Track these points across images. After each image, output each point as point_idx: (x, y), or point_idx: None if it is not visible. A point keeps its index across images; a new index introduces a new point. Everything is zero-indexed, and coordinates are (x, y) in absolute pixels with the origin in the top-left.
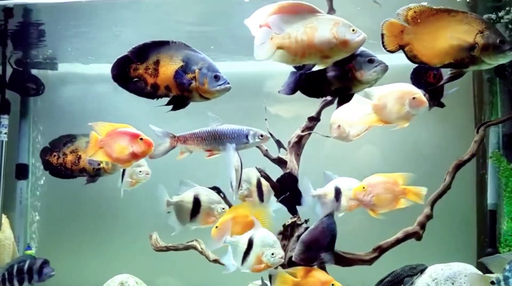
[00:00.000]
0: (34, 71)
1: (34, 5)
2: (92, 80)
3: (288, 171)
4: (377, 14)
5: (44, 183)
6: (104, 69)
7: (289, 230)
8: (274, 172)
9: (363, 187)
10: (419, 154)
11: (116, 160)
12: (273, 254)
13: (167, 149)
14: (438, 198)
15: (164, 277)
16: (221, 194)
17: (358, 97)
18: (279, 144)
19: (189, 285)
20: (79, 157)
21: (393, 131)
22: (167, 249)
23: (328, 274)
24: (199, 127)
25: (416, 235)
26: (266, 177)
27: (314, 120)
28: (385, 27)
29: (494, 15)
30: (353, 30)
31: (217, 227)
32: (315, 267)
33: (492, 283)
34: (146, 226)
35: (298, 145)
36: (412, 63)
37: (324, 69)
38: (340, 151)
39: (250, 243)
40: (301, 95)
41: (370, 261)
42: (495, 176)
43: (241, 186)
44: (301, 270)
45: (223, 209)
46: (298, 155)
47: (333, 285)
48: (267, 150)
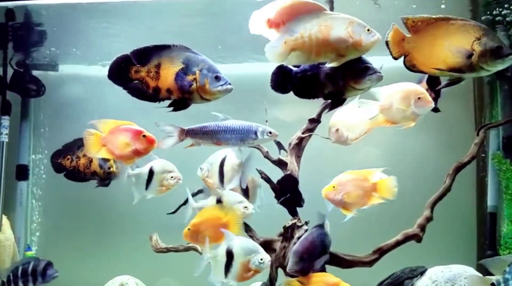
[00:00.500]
0: (35, 72)
1: (35, 6)
2: (93, 82)
3: (288, 172)
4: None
5: (44, 184)
6: (105, 71)
7: (290, 232)
8: (275, 174)
9: (333, 187)
10: (419, 157)
11: (119, 157)
12: (261, 259)
13: (175, 142)
14: (438, 200)
15: (164, 279)
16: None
17: (361, 99)
18: (279, 146)
19: None
20: (91, 161)
21: (394, 134)
22: (167, 250)
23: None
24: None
25: (416, 237)
26: (266, 179)
27: (315, 122)
28: (390, 35)
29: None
30: (368, 30)
31: (189, 229)
32: None
33: (492, 285)
34: (146, 228)
35: (299, 146)
36: (411, 72)
37: (318, 71)
38: (340, 153)
39: (230, 254)
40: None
41: (370, 263)
42: (495, 179)
43: (202, 168)
44: (306, 276)
45: (246, 208)
46: (298, 156)
47: None
48: (267, 152)
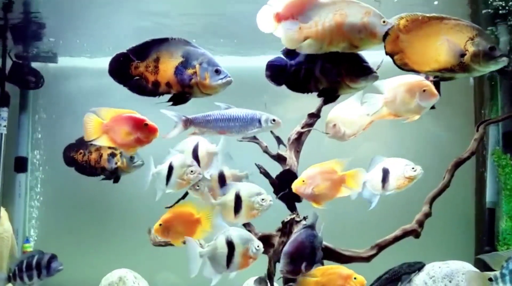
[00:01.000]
0: (34, 64)
1: None
2: (92, 74)
3: (287, 167)
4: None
5: (43, 177)
6: (104, 63)
7: (288, 227)
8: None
9: (303, 181)
10: (418, 152)
11: (120, 145)
12: (258, 246)
13: (180, 130)
14: (437, 196)
15: (163, 272)
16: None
17: (366, 93)
18: (278, 141)
19: (187, 280)
20: (101, 156)
21: (393, 129)
22: (165, 244)
23: None
24: None
25: (414, 233)
26: (265, 174)
27: (314, 116)
28: (391, 30)
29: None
30: (383, 22)
31: (160, 224)
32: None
33: (490, 280)
34: (145, 221)
35: (298, 141)
36: (402, 71)
37: (314, 65)
38: (339, 148)
39: (230, 245)
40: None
41: (368, 258)
42: (494, 174)
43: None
44: (319, 269)
45: (263, 200)
46: (297, 151)
47: (355, 278)
48: (266, 147)
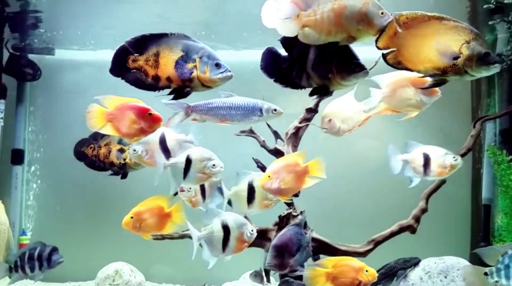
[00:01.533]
0: (31, 56)
1: None
2: (89, 66)
3: None
4: None
5: (40, 169)
6: (101, 55)
7: (285, 221)
8: None
9: (269, 176)
10: None
11: (124, 135)
12: (252, 230)
13: (181, 118)
14: (433, 192)
15: (159, 266)
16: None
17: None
18: (276, 135)
19: (183, 274)
20: (110, 151)
21: (390, 126)
22: (162, 237)
23: None
24: None
25: (410, 229)
26: (263, 168)
27: (312, 111)
28: (389, 26)
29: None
30: (382, 13)
31: (132, 217)
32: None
33: (485, 274)
34: None
35: (296, 136)
36: (395, 69)
37: (306, 60)
38: (337, 144)
39: (226, 229)
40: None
41: (364, 254)
42: (490, 171)
43: (135, 149)
44: (330, 260)
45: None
46: (295, 146)
47: (367, 271)
48: (264, 141)
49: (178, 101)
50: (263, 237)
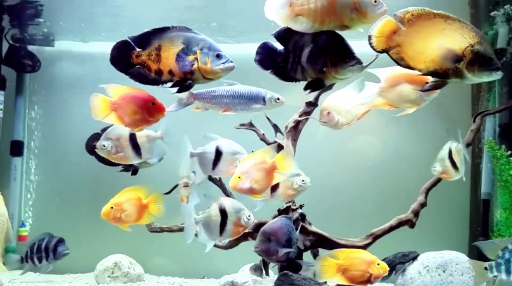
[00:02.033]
0: (30, 48)
1: None
2: (88, 58)
3: None
4: None
5: (39, 161)
6: (101, 47)
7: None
8: None
9: (239, 177)
10: (414, 143)
11: (128, 124)
12: (249, 216)
13: (183, 104)
14: (432, 186)
15: (158, 258)
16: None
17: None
18: (276, 129)
19: (182, 267)
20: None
21: (390, 121)
22: (161, 230)
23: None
24: None
25: (409, 223)
26: None
27: (312, 105)
28: (376, 29)
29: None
30: (375, 1)
31: (112, 207)
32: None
33: (485, 268)
34: None
35: (295, 130)
36: (398, 65)
37: (301, 54)
38: (335, 140)
39: (223, 213)
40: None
41: (363, 248)
42: (489, 166)
43: (104, 145)
44: (342, 252)
45: (303, 181)
46: (294, 140)
47: (378, 264)
48: (264, 134)
49: None
50: None
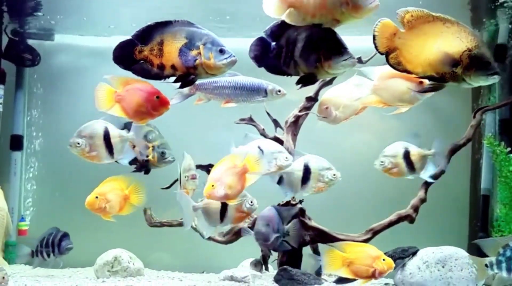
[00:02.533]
0: (30, 42)
1: None
2: (89, 51)
3: None
4: None
5: (39, 155)
6: (101, 40)
7: None
8: None
9: (212, 185)
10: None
11: (132, 117)
12: (251, 202)
13: (186, 95)
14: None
15: (158, 253)
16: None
17: (356, 78)
18: (276, 124)
19: (182, 262)
20: (134, 146)
21: (390, 117)
22: (161, 225)
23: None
24: None
25: (409, 218)
26: None
27: (312, 100)
28: (378, 28)
29: None
30: None
31: (97, 197)
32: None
33: (486, 266)
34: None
35: (295, 125)
36: (395, 70)
37: (294, 49)
38: (338, 134)
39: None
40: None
41: (363, 243)
42: (489, 161)
43: (79, 143)
44: (349, 245)
45: (334, 175)
46: (294, 135)
47: (384, 260)
48: (263, 129)
49: None
50: None
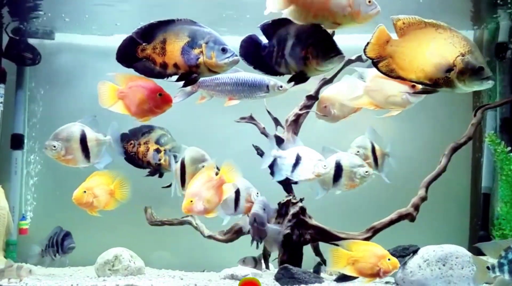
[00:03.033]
0: (31, 41)
1: None
2: (89, 50)
3: None
4: None
5: (39, 154)
6: (101, 39)
7: (284, 209)
8: None
9: (191, 201)
10: (415, 137)
11: (134, 114)
12: (257, 193)
13: (188, 93)
14: (433, 180)
15: (158, 251)
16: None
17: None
18: (276, 122)
19: (183, 260)
20: (148, 149)
21: (390, 116)
22: (162, 223)
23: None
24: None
25: (409, 217)
26: (262, 155)
27: (312, 98)
28: (375, 34)
29: None
30: (369, 2)
31: (85, 192)
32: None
33: (488, 268)
34: (142, 200)
35: (296, 123)
36: (387, 77)
37: (284, 47)
38: (338, 133)
39: (236, 192)
40: None
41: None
42: (490, 160)
43: (55, 146)
44: (355, 244)
45: (366, 172)
46: (295, 133)
47: (389, 259)
48: (264, 128)
49: None
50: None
